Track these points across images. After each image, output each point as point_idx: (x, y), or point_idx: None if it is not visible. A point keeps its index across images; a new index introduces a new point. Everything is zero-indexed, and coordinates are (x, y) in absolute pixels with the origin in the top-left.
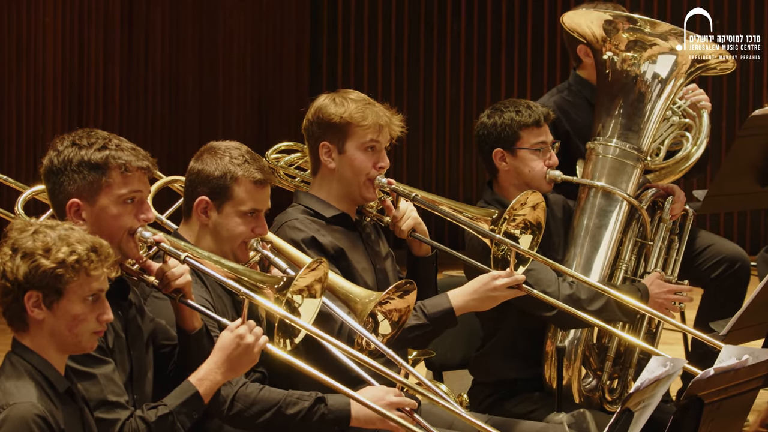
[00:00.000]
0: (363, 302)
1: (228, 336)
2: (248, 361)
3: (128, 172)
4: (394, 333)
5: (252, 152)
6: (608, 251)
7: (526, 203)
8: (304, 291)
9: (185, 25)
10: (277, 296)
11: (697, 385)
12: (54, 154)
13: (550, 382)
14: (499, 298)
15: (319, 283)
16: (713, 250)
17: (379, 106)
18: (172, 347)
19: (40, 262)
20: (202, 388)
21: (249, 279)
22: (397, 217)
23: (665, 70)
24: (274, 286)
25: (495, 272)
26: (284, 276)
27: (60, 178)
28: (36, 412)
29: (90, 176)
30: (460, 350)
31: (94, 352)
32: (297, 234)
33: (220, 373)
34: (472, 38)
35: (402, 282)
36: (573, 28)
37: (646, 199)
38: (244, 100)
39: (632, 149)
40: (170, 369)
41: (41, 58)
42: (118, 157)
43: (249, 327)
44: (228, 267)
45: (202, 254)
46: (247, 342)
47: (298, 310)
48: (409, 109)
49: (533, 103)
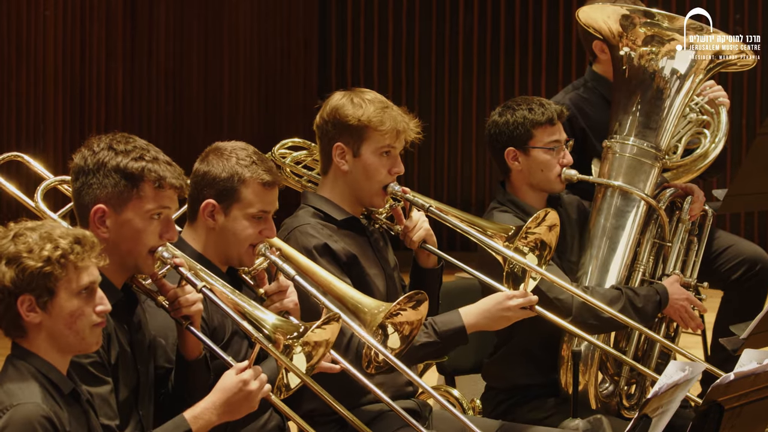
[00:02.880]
0: (372, 313)
1: (231, 379)
2: (248, 407)
3: (161, 189)
4: (403, 348)
5: (259, 153)
6: (626, 253)
7: (543, 221)
8: (307, 347)
9: (190, 19)
10: (287, 343)
11: (717, 391)
12: (88, 154)
13: (565, 388)
14: (511, 319)
15: (325, 348)
16: (733, 251)
17: (396, 109)
18: (168, 370)
19: (26, 264)
20: (195, 426)
21: (264, 324)
22: (409, 228)
23: (684, 65)
24: (287, 334)
25: (509, 292)
26: (301, 325)
27: (90, 179)
28: (41, 413)
29: (122, 185)
30: (473, 355)
31: (93, 369)
32: (309, 240)
33: (216, 414)
34: (485, 33)
35: (414, 292)
36: (588, 23)
37: (665, 199)
38: (250, 98)
39: (650, 148)
40: (162, 393)
41: (41, 54)
42: (154, 171)
43: (255, 373)
44: (241, 306)
45: (217, 287)
46: (250, 389)
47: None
48: (420, 106)
49: (546, 100)
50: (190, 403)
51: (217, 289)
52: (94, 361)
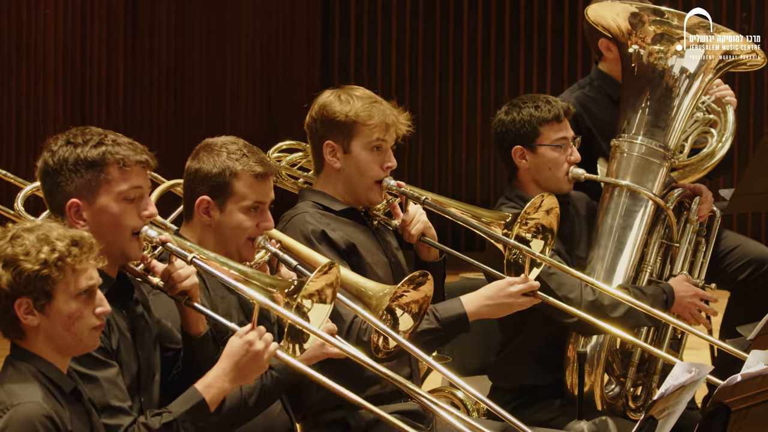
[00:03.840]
0: (377, 296)
1: (237, 342)
2: (257, 368)
3: (127, 167)
4: (416, 325)
5: (250, 145)
6: (633, 253)
7: (540, 206)
8: (315, 296)
9: (192, 17)
10: (287, 300)
11: (724, 392)
12: (48, 155)
13: (571, 389)
14: (513, 306)
15: (330, 288)
16: (740, 252)
17: (385, 103)
18: (176, 351)
19: (23, 266)
20: (208, 395)
21: (258, 282)
22: (407, 221)
23: (693, 64)
24: (284, 289)
25: (510, 278)
26: (295, 279)
27: (56, 179)
28: (42, 412)
29: (88, 174)
30: (478, 355)
31: (96, 354)
32: (306, 227)
33: (228, 380)
34: (490, 31)
35: (416, 274)
36: (597, 21)
37: (673, 199)
38: (252, 97)
39: (659, 147)
40: (174, 374)
41: (42, 52)
42: (115, 153)
43: (259, 333)
44: (236, 269)
45: (209, 255)
46: (257, 349)
47: (308, 315)
48: (424, 105)
49: (553, 97)
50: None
51: (206, 257)
52: (98, 347)
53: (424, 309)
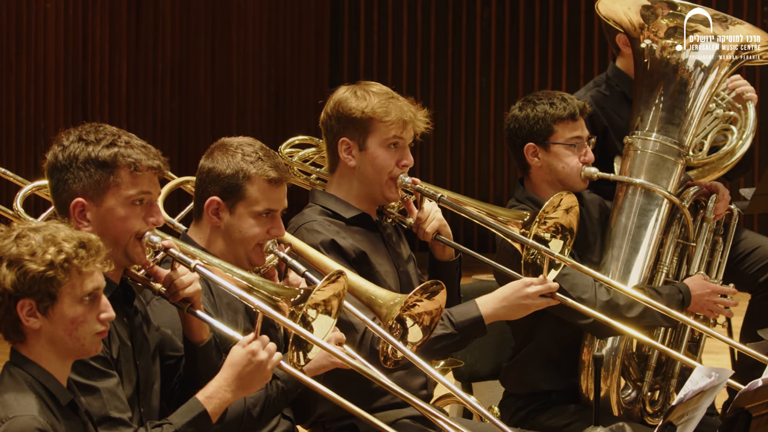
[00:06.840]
0: (388, 305)
1: (239, 352)
2: (261, 378)
3: (138, 172)
4: (425, 339)
5: (267, 149)
6: (648, 253)
7: (559, 206)
8: (320, 306)
9: (197, 11)
10: (293, 309)
11: (745, 397)
12: (59, 150)
13: (586, 394)
14: (531, 307)
15: (337, 299)
16: (761, 253)
17: (403, 100)
18: (178, 359)
19: (28, 267)
20: (210, 406)
21: (263, 290)
22: (422, 219)
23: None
24: (290, 298)
25: (527, 279)
26: (301, 288)
27: (64, 175)
28: (37, 425)
29: (97, 174)
30: (491, 360)
31: (96, 364)
32: (315, 237)
33: (230, 391)
34: (504, 26)
35: (429, 283)
36: (609, 15)
37: (689, 197)
38: (259, 93)
39: (673, 144)
40: (175, 382)
41: (42, 47)
42: (127, 155)
43: (262, 342)
44: (241, 276)
45: (212, 262)
46: (260, 359)
47: (313, 325)
48: (436, 102)
49: (568, 95)
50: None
51: (210, 263)
52: (98, 356)
53: (436, 321)
